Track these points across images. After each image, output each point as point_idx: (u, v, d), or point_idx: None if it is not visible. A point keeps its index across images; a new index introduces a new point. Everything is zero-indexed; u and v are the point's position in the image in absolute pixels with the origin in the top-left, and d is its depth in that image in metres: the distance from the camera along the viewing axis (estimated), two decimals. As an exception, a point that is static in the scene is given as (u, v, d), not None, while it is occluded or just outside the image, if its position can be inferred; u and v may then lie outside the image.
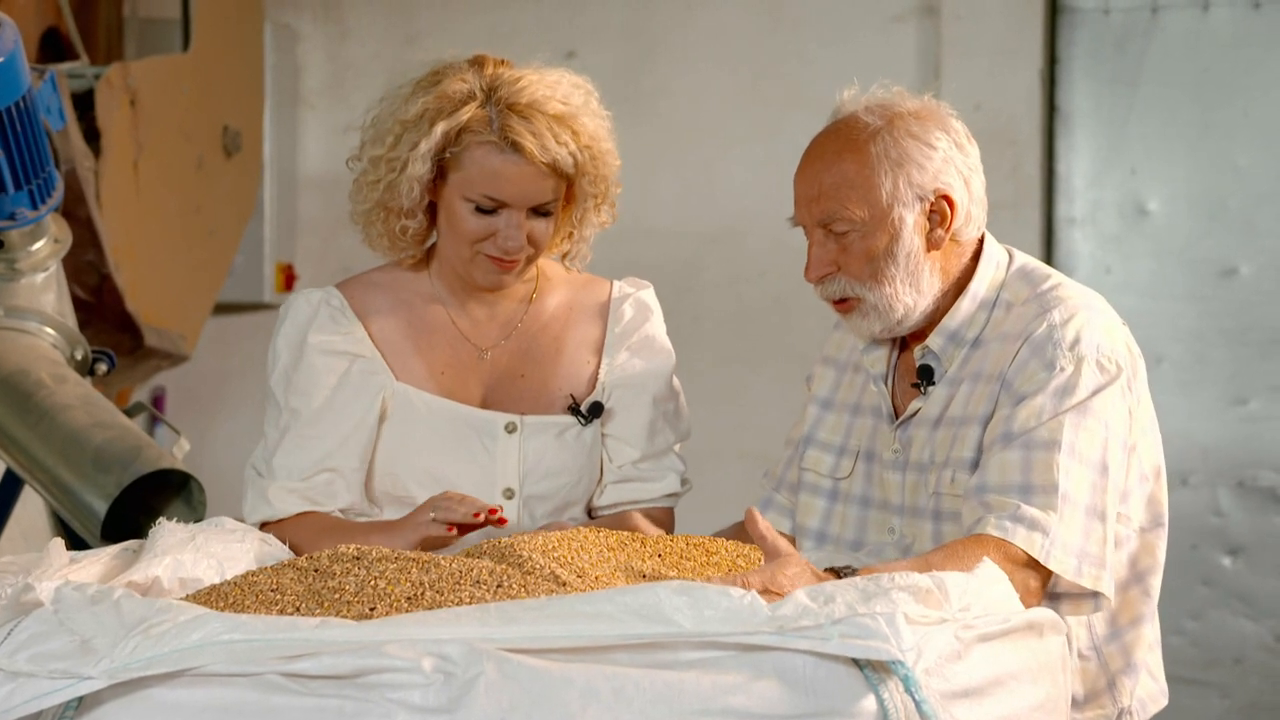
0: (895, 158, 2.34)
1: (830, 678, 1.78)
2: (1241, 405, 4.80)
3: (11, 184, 2.85)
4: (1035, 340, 2.32)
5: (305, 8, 5.36)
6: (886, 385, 2.50)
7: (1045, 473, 2.23)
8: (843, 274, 2.38)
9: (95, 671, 1.75)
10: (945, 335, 2.41)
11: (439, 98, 2.47)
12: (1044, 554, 2.20)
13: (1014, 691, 1.90)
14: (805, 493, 2.56)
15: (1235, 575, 4.82)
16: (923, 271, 2.37)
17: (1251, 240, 4.83)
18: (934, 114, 2.40)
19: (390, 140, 2.50)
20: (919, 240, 2.36)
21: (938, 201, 2.36)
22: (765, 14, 5.12)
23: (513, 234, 2.48)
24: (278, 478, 2.55)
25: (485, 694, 1.71)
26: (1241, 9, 4.81)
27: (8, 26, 2.76)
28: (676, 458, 2.66)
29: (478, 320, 2.62)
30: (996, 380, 2.33)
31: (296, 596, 1.97)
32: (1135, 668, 2.42)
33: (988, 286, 2.42)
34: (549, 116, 2.46)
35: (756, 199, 5.03)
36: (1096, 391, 2.28)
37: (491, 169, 2.46)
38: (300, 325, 2.60)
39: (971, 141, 2.42)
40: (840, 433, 2.54)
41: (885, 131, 2.35)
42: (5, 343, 2.95)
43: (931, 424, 2.40)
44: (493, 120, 2.45)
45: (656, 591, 1.80)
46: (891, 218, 2.35)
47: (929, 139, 2.36)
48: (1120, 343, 2.35)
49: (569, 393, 2.60)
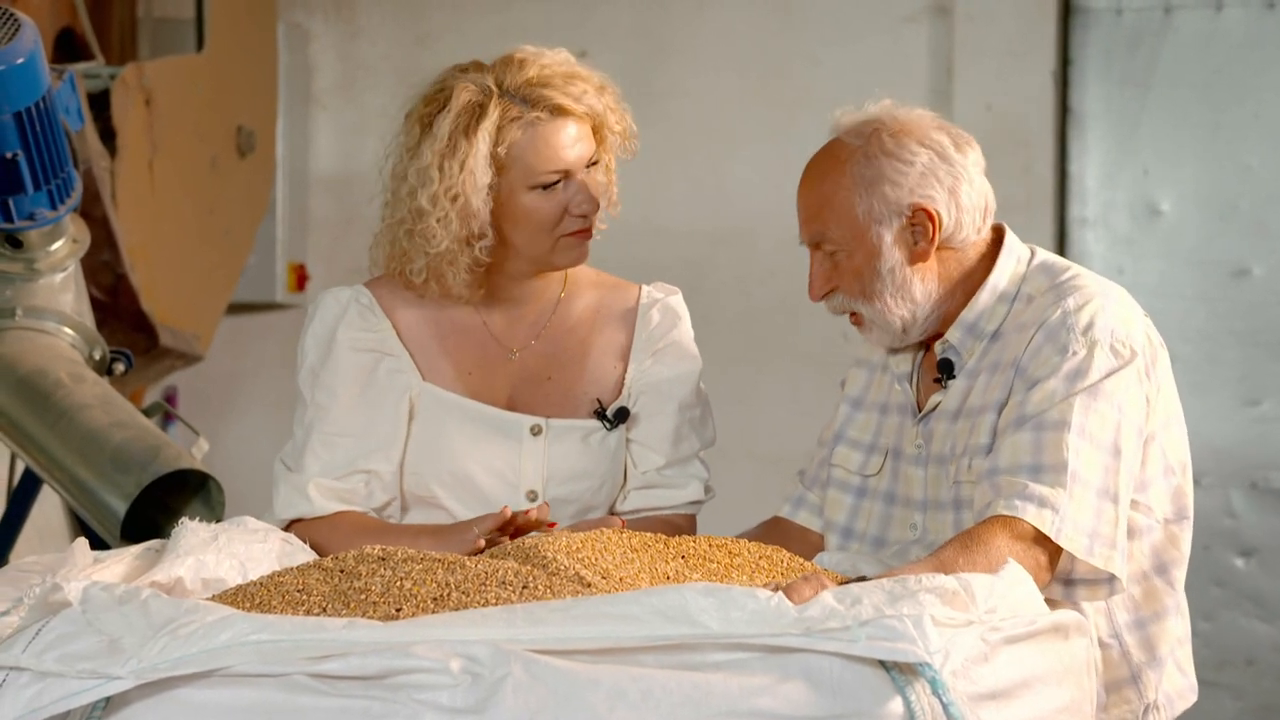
0: (869, 178, 2.39)
1: (857, 680, 1.78)
2: (1254, 406, 4.80)
3: (31, 184, 2.85)
4: (1049, 326, 2.34)
5: (317, 8, 5.36)
6: (911, 384, 2.52)
7: (1055, 452, 2.25)
8: (840, 291, 2.45)
9: (123, 671, 1.75)
10: (963, 328, 2.44)
11: (459, 112, 2.48)
12: (1054, 530, 2.21)
13: (1040, 694, 1.90)
14: (834, 488, 2.57)
15: (1248, 576, 4.82)
16: (912, 283, 2.42)
17: (1263, 241, 4.83)
18: (915, 127, 2.42)
19: (436, 175, 2.48)
20: (900, 254, 2.41)
21: (916, 214, 2.39)
22: (776, 14, 5.12)
23: (585, 195, 2.53)
24: (311, 475, 2.54)
25: (513, 695, 1.72)
26: (1255, 10, 4.81)
27: (28, 27, 2.76)
28: (701, 464, 2.66)
29: (507, 321, 2.63)
30: (1011, 367, 2.35)
31: (323, 597, 1.97)
32: (1160, 661, 2.42)
33: (1008, 280, 2.44)
34: (560, 75, 2.52)
35: (766, 199, 5.03)
36: (1109, 374, 2.29)
37: (545, 142, 2.49)
38: (329, 323, 2.60)
39: (963, 148, 2.42)
40: (870, 431, 2.56)
41: (861, 151, 2.40)
42: (24, 342, 2.96)
43: (951, 416, 2.42)
44: (520, 101, 2.49)
45: (683, 593, 1.80)
46: (869, 236, 2.40)
47: (904, 154, 2.39)
48: (1138, 330, 2.36)
49: (595, 397, 2.60)
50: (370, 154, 5.43)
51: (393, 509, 2.57)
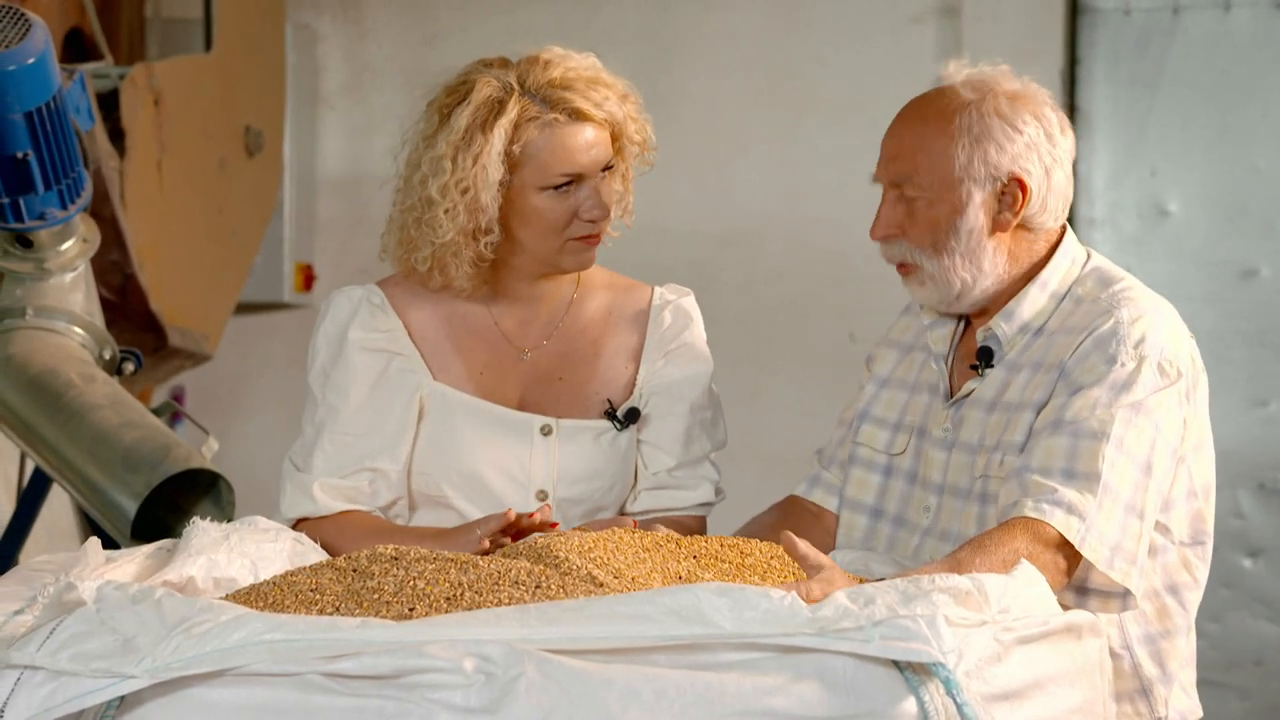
0: (977, 133, 2.36)
1: (871, 680, 1.78)
2: (1261, 407, 4.80)
3: (41, 184, 2.86)
4: (1100, 335, 2.32)
5: (325, 8, 5.37)
6: (946, 364, 2.50)
7: (1090, 461, 2.24)
8: (906, 239, 2.41)
9: (137, 670, 1.75)
10: (1009, 319, 2.42)
11: (478, 106, 2.48)
12: (1079, 539, 2.20)
13: (1053, 694, 1.90)
14: (859, 468, 2.56)
15: (1255, 577, 4.82)
16: (984, 250, 2.39)
17: (1271, 242, 4.83)
18: (1030, 98, 2.40)
19: (449, 166, 2.48)
20: (984, 218, 2.38)
21: (1010, 184, 2.37)
22: (782, 16, 5.12)
23: (596, 201, 2.52)
24: (319, 474, 2.54)
25: (526, 695, 1.72)
26: (1263, 10, 4.81)
27: (38, 27, 2.77)
28: (711, 466, 2.66)
29: (519, 321, 2.63)
30: (1056, 369, 2.34)
31: (336, 596, 1.97)
32: (1171, 677, 2.41)
33: (1060, 279, 2.43)
34: (583, 79, 2.51)
35: (773, 201, 5.03)
36: (1154, 392, 2.29)
37: (560, 144, 2.49)
38: (341, 322, 2.60)
39: (1065, 133, 2.42)
40: (896, 409, 2.55)
41: (975, 106, 2.38)
42: (34, 342, 2.96)
43: (986, 406, 2.41)
44: (541, 101, 2.49)
45: (696, 593, 1.80)
46: (960, 190, 2.37)
47: (1016, 121, 2.37)
48: (1185, 352, 2.35)
49: (606, 397, 2.60)
50: (378, 154, 5.44)
51: (399, 508, 2.57)
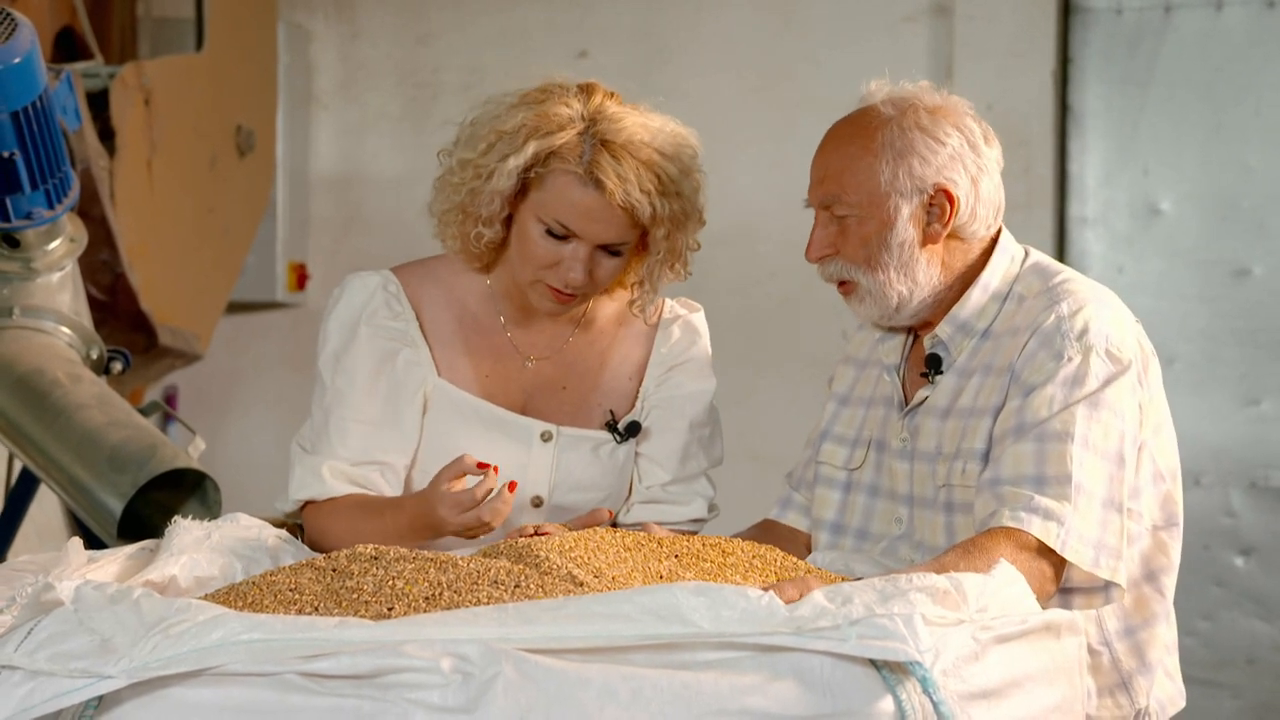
0: (899, 148, 2.38)
1: (848, 678, 1.78)
2: (1253, 406, 4.80)
3: (28, 183, 2.85)
4: (1044, 331, 2.34)
5: (317, 8, 5.37)
6: (899, 375, 2.52)
7: (1059, 464, 2.25)
8: (840, 257, 2.43)
9: (115, 670, 1.75)
10: (954, 324, 2.44)
11: (539, 116, 2.45)
12: (1060, 544, 2.21)
13: (1031, 693, 1.90)
14: (821, 486, 2.58)
15: (1247, 576, 4.82)
16: (918, 262, 2.41)
17: (1263, 241, 4.83)
18: (951, 111, 2.42)
19: (483, 147, 2.48)
20: (914, 231, 2.40)
21: (937, 195, 2.39)
22: (775, 15, 5.12)
23: (576, 267, 2.47)
24: (325, 457, 2.54)
25: (503, 694, 1.72)
26: (1255, 8, 4.81)
27: (25, 27, 2.76)
28: (707, 482, 2.66)
29: (530, 329, 2.62)
30: (1006, 372, 2.35)
31: (315, 596, 1.97)
32: (1150, 668, 2.42)
33: (1000, 279, 2.44)
34: (640, 161, 2.45)
35: (766, 200, 5.03)
36: (1108, 382, 2.30)
37: (570, 198, 2.44)
38: (355, 308, 2.59)
39: (990, 143, 2.44)
40: (855, 425, 2.57)
41: (896, 121, 2.39)
42: (21, 342, 2.96)
43: (940, 414, 2.42)
44: (585, 152, 2.44)
45: (674, 592, 1.80)
46: (887, 205, 2.38)
47: (938, 134, 2.39)
48: (1130, 337, 2.37)
49: (608, 408, 2.60)
50: (371, 153, 5.47)
51: None
